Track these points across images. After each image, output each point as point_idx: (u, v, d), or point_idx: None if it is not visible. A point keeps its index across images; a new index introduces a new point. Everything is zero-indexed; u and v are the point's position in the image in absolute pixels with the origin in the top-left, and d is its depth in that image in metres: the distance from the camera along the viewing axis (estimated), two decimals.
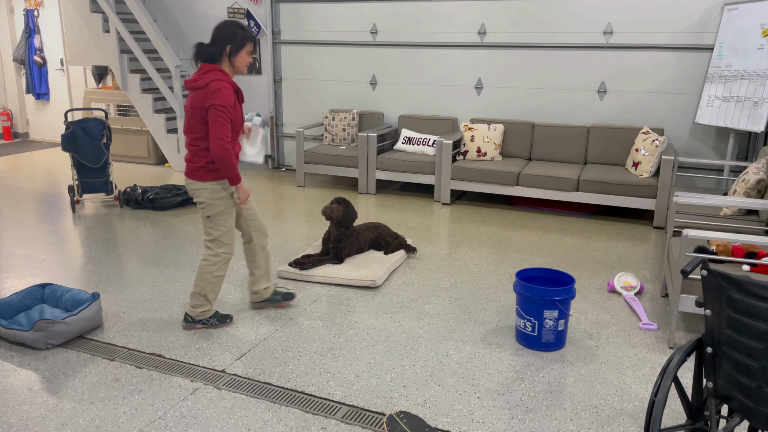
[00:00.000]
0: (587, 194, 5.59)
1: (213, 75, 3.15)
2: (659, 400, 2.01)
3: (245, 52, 3.22)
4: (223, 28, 3.18)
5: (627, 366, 3.16)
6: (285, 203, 6.21)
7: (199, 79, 3.16)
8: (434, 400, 2.84)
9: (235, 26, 3.19)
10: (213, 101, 3.11)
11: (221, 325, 3.52)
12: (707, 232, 3.18)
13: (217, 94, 3.10)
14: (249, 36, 3.22)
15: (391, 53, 6.97)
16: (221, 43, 3.18)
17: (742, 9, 5.25)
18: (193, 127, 3.22)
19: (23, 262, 4.52)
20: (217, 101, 3.10)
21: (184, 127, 3.29)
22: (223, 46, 3.18)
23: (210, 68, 3.19)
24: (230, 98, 3.15)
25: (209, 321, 3.51)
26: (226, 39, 3.17)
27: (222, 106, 3.11)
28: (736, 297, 1.84)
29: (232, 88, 3.19)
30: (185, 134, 3.29)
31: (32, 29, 9.20)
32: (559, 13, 6.16)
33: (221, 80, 3.14)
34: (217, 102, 3.10)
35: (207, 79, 3.14)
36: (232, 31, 3.17)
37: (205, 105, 3.13)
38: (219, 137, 3.12)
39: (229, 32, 3.17)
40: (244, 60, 3.24)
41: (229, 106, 3.13)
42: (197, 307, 3.47)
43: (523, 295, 3.27)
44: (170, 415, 2.71)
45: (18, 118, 9.82)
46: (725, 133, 5.78)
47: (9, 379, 3.00)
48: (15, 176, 7.26)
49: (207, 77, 3.15)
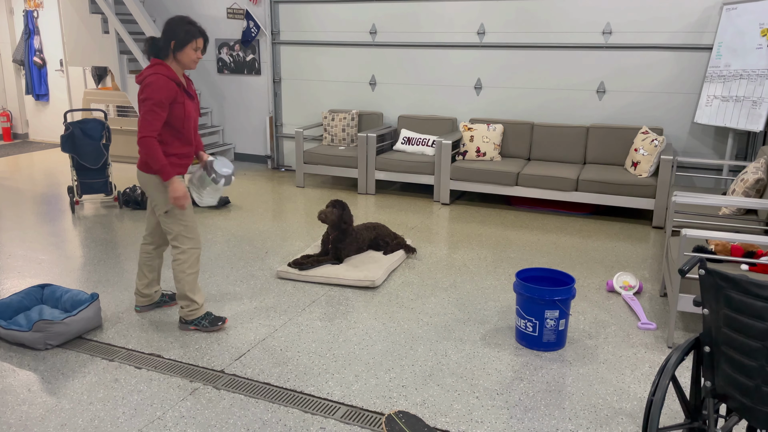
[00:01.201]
0: (586, 194, 5.60)
1: (152, 69, 3.14)
2: (657, 399, 2.02)
3: (191, 48, 3.18)
4: (170, 23, 3.17)
5: (626, 365, 3.16)
6: (284, 204, 6.21)
7: (142, 73, 3.18)
8: (433, 400, 2.85)
9: (181, 21, 3.16)
10: (141, 94, 3.12)
11: (213, 328, 3.49)
12: (706, 232, 3.18)
13: (147, 87, 3.10)
14: (195, 32, 3.17)
15: (390, 53, 6.97)
16: (167, 38, 3.17)
17: (740, 9, 5.25)
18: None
19: (23, 263, 4.52)
20: (144, 94, 3.10)
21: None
22: (168, 41, 3.17)
23: (153, 63, 3.19)
24: (161, 93, 3.10)
25: (201, 323, 3.48)
26: (171, 34, 3.15)
27: (149, 99, 3.09)
28: (734, 296, 1.85)
29: (169, 80, 3.13)
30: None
31: (32, 30, 9.21)
32: (558, 13, 6.16)
33: (157, 74, 3.12)
34: (144, 95, 3.10)
35: (146, 72, 3.15)
36: (177, 26, 3.15)
37: (139, 97, 3.14)
38: (141, 129, 3.13)
39: (174, 27, 3.15)
40: (189, 56, 3.19)
41: (158, 99, 3.09)
42: (185, 307, 3.46)
43: (524, 295, 3.27)
44: (169, 416, 2.71)
45: (17, 119, 9.82)
46: (724, 133, 5.78)
47: (8, 380, 3.00)
48: (14, 177, 7.26)
49: (146, 71, 3.16)
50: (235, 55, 7.78)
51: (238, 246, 4.91)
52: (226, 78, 7.96)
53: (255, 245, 4.93)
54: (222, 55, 7.86)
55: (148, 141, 3.14)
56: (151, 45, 3.20)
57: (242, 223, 5.51)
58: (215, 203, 3.54)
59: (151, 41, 3.20)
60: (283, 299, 3.93)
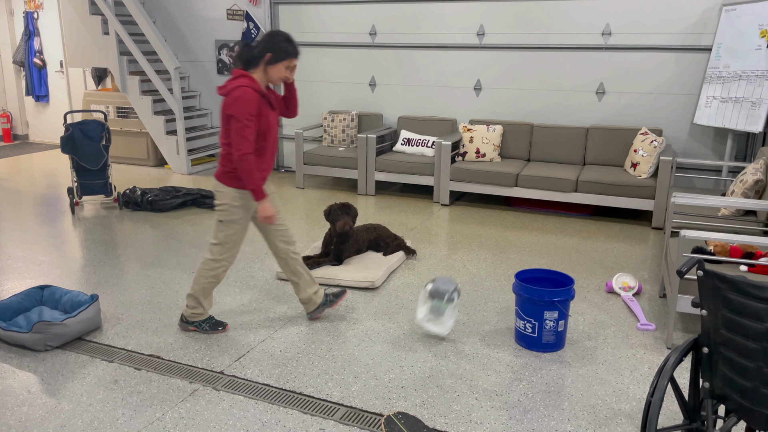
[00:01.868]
0: (586, 195, 5.60)
1: (238, 81, 3.09)
2: (656, 400, 2.02)
3: (284, 65, 3.14)
4: (271, 36, 3.13)
5: (625, 366, 3.17)
6: (284, 205, 6.21)
7: (227, 85, 3.12)
8: (432, 401, 2.85)
9: (283, 37, 3.13)
10: (230, 111, 3.06)
11: (212, 331, 3.49)
12: (705, 233, 3.19)
13: (235, 103, 3.05)
14: (293, 51, 3.14)
15: (390, 55, 6.98)
16: (264, 49, 3.12)
17: (740, 10, 5.25)
18: (223, 132, 3.20)
19: (22, 264, 4.53)
20: (233, 111, 3.05)
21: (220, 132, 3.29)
22: (264, 52, 3.12)
23: (238, 74, 3.13)
24: (250, 106, 3.07)
25: (201, 325, 3.49)
26: (271, 47, 3.11)
27: (240, 113, 3.05)
28: (732, 297, 1.85)
29: (255, 93, 3.09)
30: (220, 139, 3.27)
31: (32, 31, 9.22)
32: (558, 14, 6.17)
33: (243, 86, 3.07)
34: (233, 112, 3.05)
35: (231, 86, 3.09)
36: (278, 40, 3.11)
37: (226, 112, 3.10)
38: (237, 148, 3.08)
39: (276, 40, 3.11)
40: (280, 72, 3.15)
41: (247, 115, 3.06)
42: (191, 308, 3.46)
43: (523, 296, 3.28)
44: (168, 417, 2.72)
45: (18, 120, 9.83)
46: (723, 134, 5.78)
47: (8, 381, 3.00)
48: (14, 178, 7.26)
49: (232, 84, 3.10)
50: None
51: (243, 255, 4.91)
52: (226, 79, 7.96)
53: (255, 246, 4.93)
54: (222, 57, 7.87)
55: (249, 158, 3.10)
56: (245, 52, 3.14)
57: None
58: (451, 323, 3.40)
59: (246, 48, 3.16)
60: (283, 300, 3.93)
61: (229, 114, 3.07)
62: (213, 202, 5.97)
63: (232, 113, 3.06)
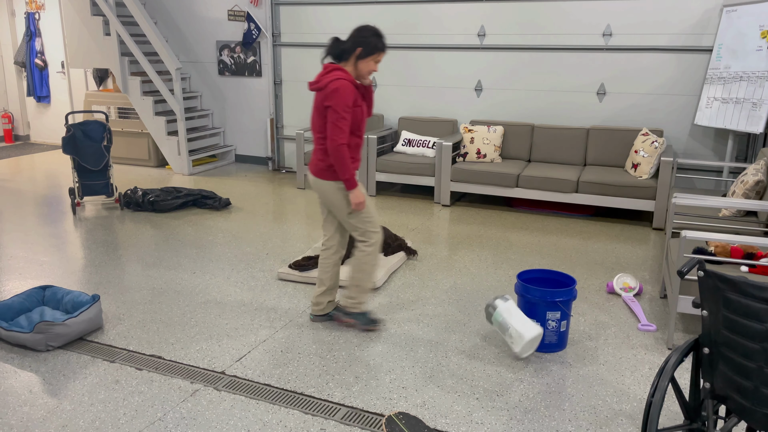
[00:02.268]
0: (587, 196, 5.60)
1: (333, 74, 3.17)
2: (656, 400, 2.02)
3: (373, 59, 3.23)
4: (362, 31, 3.20)
5: (626, 367, 3.17)
6: (285, 205, 6.22)
7: (321, 80, 3.20)
8: (433, 401, 2.85)
9: (372, 31, 3.21)
10: (329, 102, 3.14)
11: (366, 327, 3.52)
12: (706, 234, 3.19)
13: (334, 94, 3.12)
14: (382, 45, 3.22)
15: (391, 55, 6.98)
16: (355, 44, 3.19)
17: (741, 11, 5.26)
18: (320, 126, 3.26)
19: (24, 265, 4.53)
20: (333, 102, 3.13)
21: (312, 127, 3.34)
22: (355, 47, 3.19)
23: (332, 68, 3.21)
24: (348, 98, 3.15)
25: (359, 317, 3.51)
26: (361, 41, 3.19)
27: (339, 105, 3.12)
28: (733, 298, 1.85)
29: (351, 85, 3.17)
30: (313, 133, 3.33)
31: (33, 32, 9.23)
32: (558, 15, 6.17)
33: (340, 79, 3.14)
34: (332, 103, 3.13)
35: (328, 78, 3.17)
36: (368, 34, 3.19)
37: (324, 104, 3.17)
38: (333, 138, 3.16)
39: (366, 35, 3.19)
40: (369, 66, 3.23)
41: (344, 106, 3.14)
42: (354, 299, 3.49)
43: (526, 296, 3.28)
44: (170, 417, 2.72)
45: (19, 121, 9.84)
46: (724, 135, 5.78)
47: (9, 381, 3.01)
48: (16, 179, 7.27)
49: (328, 77, 3.17)
50: (236, 56, 7.80)
51: (239, 247, 4.92)
52: (227, 80, 7.98)
53: (256, 247, 4.94)
54: (223, 57, 7.88)
55: (343, 149, 3.17)
56: (336, 46, 3.23)
57: (243, 225, 5.52)
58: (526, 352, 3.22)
59: (337, 43, 3.23)
60: (284, 301, 3.93)
61: (327, 105, 3.15)
62: (211, 203, 5.98)
63: (330, 104, 3.14)
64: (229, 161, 8.22)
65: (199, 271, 4.41)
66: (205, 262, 4.60)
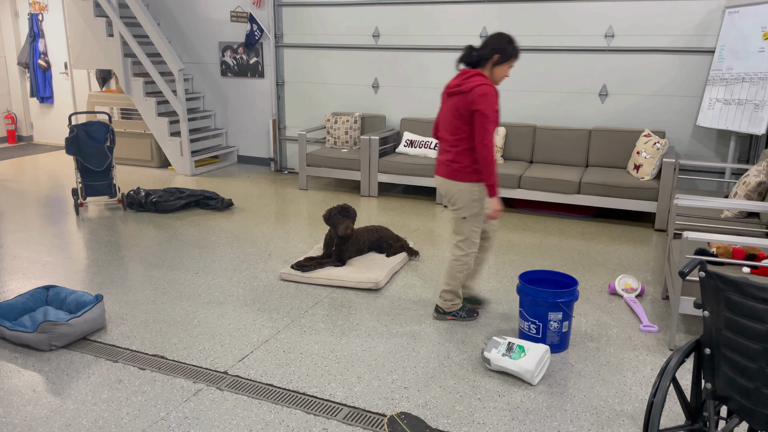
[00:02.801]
0: (589, 197, 5.60)
1: (477, 80, 3.25)
2: (658, 400, 2.03)
3: (508, 65, 3.33)
4: (498, 38, 3.30)
5: (627, 368, 3.17)
6: (287, 206, 6.23)
7: (463, 83, 3.28)
8: (435, 402, 2.86)
9: (508, 39, 3.31)
10: (478, 106, 3.21)
11: (469, 319, 3.68)
12: (708, 235, 3.19)
13: (482, 99, 3.20)
14: (517, 52, 3.33)
15: (393, 56, 6.99)
16: (493, 50, 3.29)
17: (743, 12, 5.26)
18: (458, 129, 3.33)
19: (27, 265, 4.55)
20: (482, 107, 3.20)
21: (441, 130, 3.43)
22: (491, 54, 3.29)
23: (473, 73, 3.29)
24: (494, 102, 3.24)
25: (458, 313, 3.67)
26: (499, 48, 3.28)
27: (485, 110, 3.20)
28: (734, 298, 1.86)
29: (495, 91, 3.27)
30: (443, 136, 3.42)
31: (36, 33, 9.25)
32: (560, 16, 6.18)
33: (486, 84, 3.23)
34: (482, 107, 3.20)
35: (471, 83, 3.25)
36: (505, 42, 3.30)
37: (471, 108, 3.23)
38: (484, 143, 3.23)
39: (503, 42, 3.29)
40: (504, 72, 3.34)
41: (492, 110, 3.23)
42: (448, 300, 3.64)
43: (528, 297, 3.28)
44: (173, 416, 2.73)
45: (22, 122, 9.87)
46: (726, 136, 5.78)
47: (13, 380, 3.02)
48: (19, 179, 7.29)
49: (471, 82, 3.26)
50: (239, 58, 7.81)
51: (242, 248, 4.93)
52: (229, 81, 7.99)
53: (258, 247, 4.95)
54: (225, 58, 7.90)
55: (490, 153, 3.25)
56: (472, 54, 3.33)
57: (245, 225, 5.53)
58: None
59: (473, 50, 3.33)
60: (286, 301, 3.94)
61: (476, 109, 3.21)
62: (213, 204, 5.99)
63: (479, 108, 3.20)
64: (231, 162, 8.24)
65: (202, 272, 4.43)
66: (207, 262, 4.62)
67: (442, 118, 3.42)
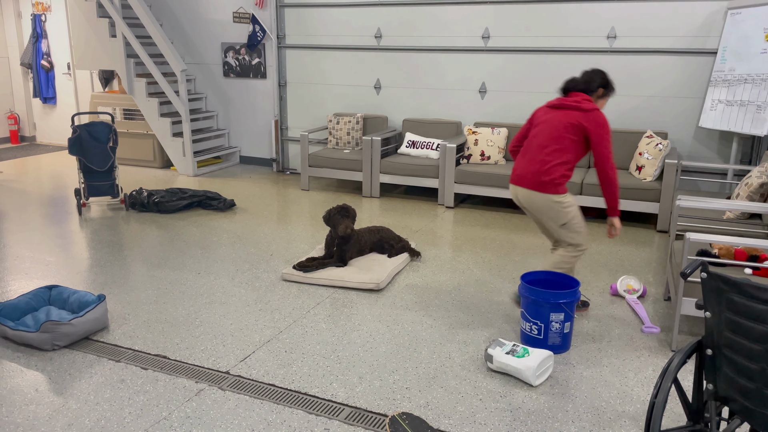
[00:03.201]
0: (590, 198, 5.60)
1: (592, 104, 3.51)
2: (659, 401, 2.03)
3: (607, 99, 3.69)
4: (602, 74, 3.62)
5: (629, 369, 3.17)
6: (289, 206, 6.24)
7: (582, 102, 3.52)
8: (437, 402, 2.86)
9: (608, 76, 3.64)
10: (596, 129, 3.46)
11: (582, 309, 3.80)
12: (710, 236, 3.19)
13: (602, 123, 3.47)
14: (613, 90, 3.69)
15: (395, 57, 7.00)
16: (599, 84, 3.60)
17: (745, 13, 5.26)
18: (562, 140, 3.52)
19: (30, 265, 4.56)
20: (601, 130, 3.47)
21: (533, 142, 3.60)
22: (598, 87, 3.60)
23: (586, 98, 3.56)
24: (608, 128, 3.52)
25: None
26: (604, 83, 3.61)
27: (606, 134, 3.48)
28: (736, 299, 1.86)
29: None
30: (533, 148, 3.60)
31: (39, 34, 9.28)
32: (563, 17, 6.18)
33: (599, 110, 3.52)
34: (601, 130, 3.46)
35: (589, 106, 3.50)
36: (607, 79, 3.62)
37: (590, 129, 3.47)
38: (610, 165, 3.48)
39: (608, 79, 3.63)
40: (602, 105, 3.67)
41: (608, 135, 3.49)
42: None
43: (529, 298, 3.29)
44: (175, 416, 2.74)
45: (25, 122, 9.89)
46: (729, 137, 5.78)
47: (16, 380, 3.03)
48: (22, 179, 7.31)
49: (589, 104, 3.51)
50: (241, 58, 7.83)
51: (243, 248, 4.94)
52: (231, 81, 8.01)
53: (260, 247, 4.96)
54: (228, 59, 7.91)
55: (616, 177, 3.52)
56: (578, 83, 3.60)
57: (247, 226, 5.54)
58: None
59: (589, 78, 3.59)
60: (288, 301, 3.95)
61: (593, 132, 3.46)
62: (215, 204, 6.00)
63: (597, 130, 3.46)
64: (233, 162, 8.25)
65: (204, 272, 4.43)
66: (209, 262, 4.62)
67: (540, 131, 3.58)
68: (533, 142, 3.60)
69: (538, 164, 3.53)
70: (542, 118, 3.61)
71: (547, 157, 3.52)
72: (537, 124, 3.63)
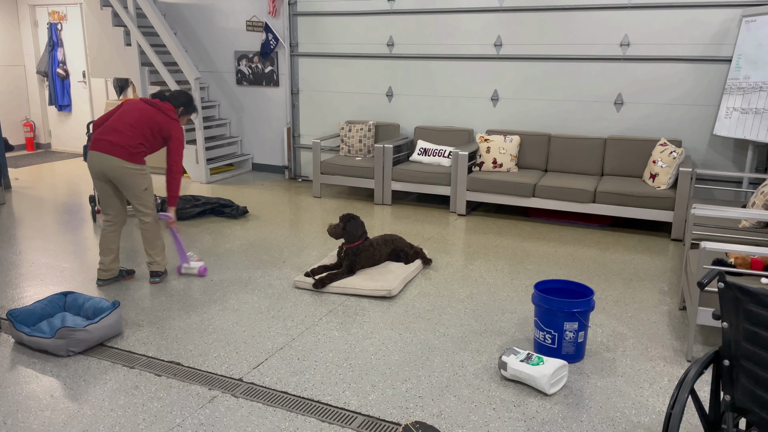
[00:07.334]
0: (604, 206, 5.57)
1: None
2: (676, 412, 2.01)
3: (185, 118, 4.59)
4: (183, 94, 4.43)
5: (644, 379, 3.14)
6: (301, 214, 6.25)
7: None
8: (450, 411, 2.85)
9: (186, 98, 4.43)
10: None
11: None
12: (725, 245, 3.16)
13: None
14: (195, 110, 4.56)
15: (407, 65, 7.02)
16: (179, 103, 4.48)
17: (760, 21, 5.22)
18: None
19: (45, 271, 4.60)
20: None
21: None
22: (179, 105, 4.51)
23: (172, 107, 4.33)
24: None
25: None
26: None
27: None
28: (754, 310, 1.84)
29: None
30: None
31: (55, 42, 9.40)
32: (575, 25, 6.17)
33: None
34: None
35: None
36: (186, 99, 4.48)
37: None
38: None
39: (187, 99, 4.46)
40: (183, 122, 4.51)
41: None
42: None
43: (543, 307, 3.27)
44: (188, 423, 2.75)
45: (41, 129, 10.01)
46: (744, 145, 5.74)
47: (31, 386, 3.05)
48: (37, 186, 7.39)
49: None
50: (254, 66, 7.88)
51: (256, 255, 4.95)
52: (244, 89, 8.06)
53: (272, 254, 4.97)
54: (241, 67, 7.96)
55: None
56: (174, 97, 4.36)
57: (260, 233, 5.56)
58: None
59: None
60: (300, 309, 3.95)
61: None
62: (228, 211, 6.02)
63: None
64: (246, 170, 8.29)
65: (217, 279, 4.45)
66: (222, 269, 4.64)
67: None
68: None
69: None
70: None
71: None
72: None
